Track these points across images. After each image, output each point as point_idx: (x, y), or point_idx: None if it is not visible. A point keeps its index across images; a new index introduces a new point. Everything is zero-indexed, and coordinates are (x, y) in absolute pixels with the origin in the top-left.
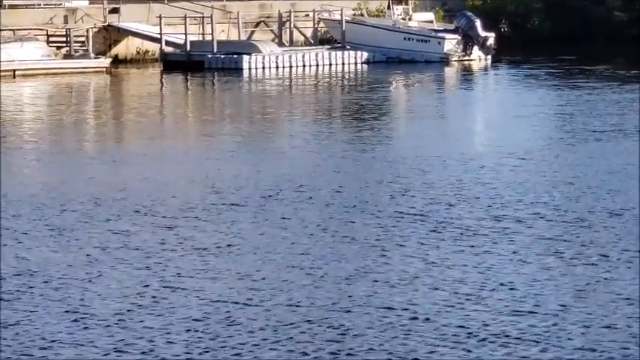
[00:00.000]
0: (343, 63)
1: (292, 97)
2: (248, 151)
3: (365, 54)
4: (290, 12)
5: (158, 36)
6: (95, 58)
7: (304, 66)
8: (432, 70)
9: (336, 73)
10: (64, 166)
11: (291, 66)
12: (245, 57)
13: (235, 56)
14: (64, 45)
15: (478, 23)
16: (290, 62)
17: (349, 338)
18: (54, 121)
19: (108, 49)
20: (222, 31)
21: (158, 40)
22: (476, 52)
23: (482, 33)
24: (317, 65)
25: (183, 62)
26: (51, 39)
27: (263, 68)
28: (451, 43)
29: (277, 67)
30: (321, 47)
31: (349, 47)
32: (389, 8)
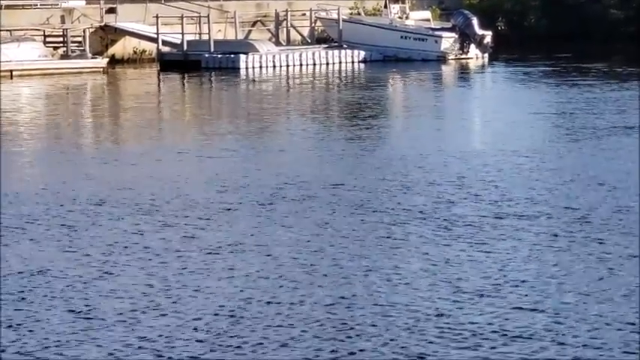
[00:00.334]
0: (340, 62)
1: (290, 96)
2: (249, 150)
3: (362, 53)
4: (287, 11)
5: (155, 36)
6: (92, 59)
7: (301, 65)
8: (430, 69)
9: (334, 72)
10: (65, 166)
11: (288, 65)
12: (242, 56)
13: (232, 56)
14: (61, 45)
15: (475, 21)
16: (287, 61)
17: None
18: (52, 122)
19: (105, 49)
20: (219, 31)
21: (155, 40)
22: (473, 51)
23: (479, 31)
24: (314, 64)
25: (180, 62)
26: (48, 39)
27: (260, 67)
28: (448, 42)
29: (274, 67)
30: (318, 46)
31: (346, 46)
32: (386, 7)
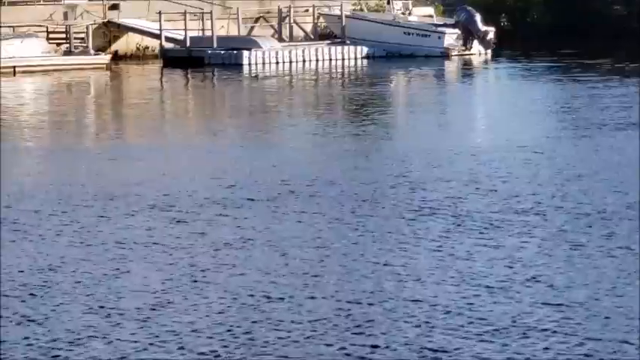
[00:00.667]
0: (343, 58)
1: (294, 93)
2: (255, 146)
3: (365, 49)
4: (290, 7)
5: (158, 32)
6: (95, 55)
7: (304, 61)
8: (433, 65)
9: (337, 69)
10: (72, 163)
11: (291, 61)
12: (245, 52)
13: (235, 52)
14: (64, 41)
15: (478, 17)
16: (290, 58)
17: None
18: (56, 118)
19: (108, 46)
20: (221, 27)
21: (158, 36)
22: (476, 47)
23: (482, 27)
24: (317, 60)
25: (183, 58)
26: (51, 35)
27: (263, 64)
28: (451, 38)
29: (277, 63)
30: (321, 42)
31: (349, 42)
32: (388, 3)
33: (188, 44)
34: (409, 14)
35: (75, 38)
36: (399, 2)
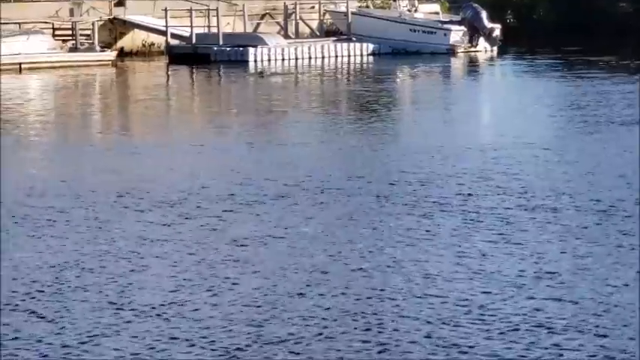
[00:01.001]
0: (349, 55)
1: (300, 89)
2: (264, 143)
3: (371, 46)
4: (295, 4)
5: (164, 29)
6: (101, 51)
7: (310, 58)
8: (439, 62)
9: (342, 65)
10: (81, 159)
11: (297, 58)
12: (251, 49)
13: (241, 49)
14: (70, 38)
15: (484, 15)
16: (296, 54)
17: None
18: (63, 115)
19: (113, 42)
20: (227, 24)
21: (164, 33)
22: (482, 44)
23: (488, 24)
24: (323, 57)
25: (189, 55)
26: (57, 32)
27: (269, 60)
28: (457, 35)
29: (283, 60)
30: (327, 39)
31: (355, 39)
32: (394, 0)
33: (194, 41)
34: (415, 11)
35: (81, 35)
36: None
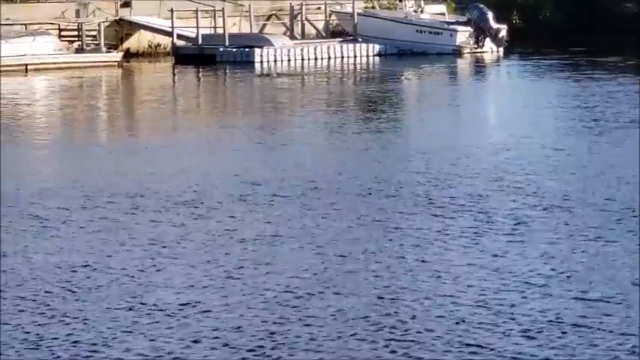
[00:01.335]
0: (355, 56)
1: (306, 90)
2: (273, 143)
3: (377, 46)
4: (301, 5)
5: (170, 29)
6: (107, 52)
7: (316, 59)
8: (445, 62)
9: (349, 66)
10: (90, 160)
11: (302, 59)
12: (257, 50)
13: (247, 49)
14: (76, 39)
15: (490, 15)
16: (302, 55)
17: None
18: (70, 116)
19: (120, 43)
20: (233, 25)
21: (170, 34)
22: (488, 44)
23: (494, 25)
24: (329, 58)
25: (195, 56)
26: (63, 33)
27: (275, 61)
28: (463, 35)
29: (289, 60)
30: (333, 40)
31: (361, 40)
32: (400, 1)
33: (200, 42)
34: (421, 12)
35: (87, 36)
36: (411, 0)
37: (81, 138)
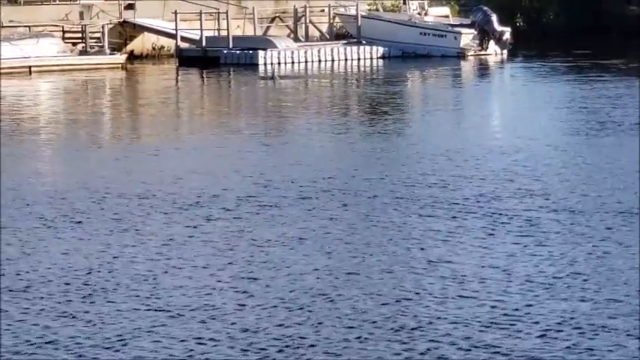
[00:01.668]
0: (359, 58)
1: (310, 92)
2: (280, 145)
3: (381, 49)
4: (305, 7)
5: (174, 32)
6: (111, 54)
7: (320, 61)
8: (449, 65)
9: (353, 68)
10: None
11: (306, 61)
12: (261, 52)
13: (251, 52)
14: (80, 41)
15: (494, 18)
16: (306, 57)
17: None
18: (75, 118)
19: (123, 45)
20: (237, 27)
21: (174, 36)
22: (492, 47)
23: (498, 27)
24: (332, 60)
25: (198, 58)
26: (66, 35)
27: (279, 64)
28: (467, 38)
29: (293, 63)
30: (337, 42)
31: (365, 42)
32: (404, 3)
33: (204, 44)
34: (425, 14)
35: (91, 38)
36: (415, 2)
37: (89, 140)
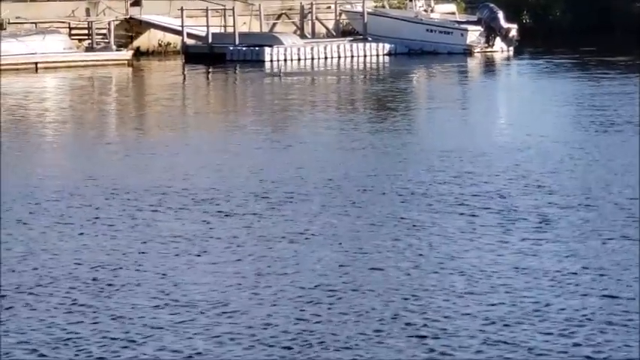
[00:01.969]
0: (365, 55)
1: (317, 89)
2: (288, 142)
3: (387, 46)
4: (312, 4)
5: (180, 28)
6: (117, 51)
7: (326, 58)
8: (456, 62)
9: (359, 65)
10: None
11: (313, 58)
12: (267, 49)
13: (257, 48)
14: (86, 38)
15: (501, 15)
16: (312, 54)
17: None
18: (82, 114)
19: (130, 42)
20: (243, 24)
21: (180, 33)
22: (498, 44)
23: (504, 24)
24: (339, 57)
25: (205, 54)
26: (73, 32)
27: (285, 60)
28: (474, 35)
29: (299, 59)
30: (343, 39)
31: (371, 39)
32: (410, 0)
33: (210, 40)
34: (431, 11)
35: (97, 34)
36: None
37: (94, 136)
